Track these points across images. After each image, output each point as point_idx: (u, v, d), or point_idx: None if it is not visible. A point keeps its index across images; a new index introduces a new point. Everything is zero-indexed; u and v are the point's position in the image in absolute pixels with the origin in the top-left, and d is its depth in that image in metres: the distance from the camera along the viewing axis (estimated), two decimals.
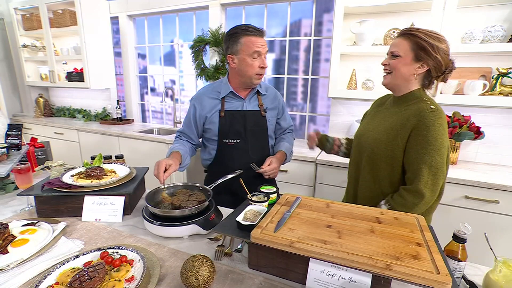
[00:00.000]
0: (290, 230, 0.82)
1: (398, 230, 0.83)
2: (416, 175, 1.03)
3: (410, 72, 1.05)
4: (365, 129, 1.23)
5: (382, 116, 1.19)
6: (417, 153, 1.03)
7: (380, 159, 1.11)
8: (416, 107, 1.05)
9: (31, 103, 4.03)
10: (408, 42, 1.03)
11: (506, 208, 1.62)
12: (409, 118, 1.04)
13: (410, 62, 1.04)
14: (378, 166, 1.12)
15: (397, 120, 1.09)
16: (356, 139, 1.27)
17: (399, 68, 1.06)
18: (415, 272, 0.64)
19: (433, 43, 1.00)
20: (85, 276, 0.72)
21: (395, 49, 1.06)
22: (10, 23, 3.73)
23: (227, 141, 1.37)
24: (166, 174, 1.14)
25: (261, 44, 1.25)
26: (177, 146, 1.36)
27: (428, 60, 1.02)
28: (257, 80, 1.31)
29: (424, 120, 1.01)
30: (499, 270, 0.76)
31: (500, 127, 1.99)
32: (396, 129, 1.07)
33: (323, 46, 2.61)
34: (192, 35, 3.12)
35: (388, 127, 1.10)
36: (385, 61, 1.11)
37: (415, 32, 1.02)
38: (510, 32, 1.82)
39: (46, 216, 1.16)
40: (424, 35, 1.01)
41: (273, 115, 1.44)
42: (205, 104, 1.38)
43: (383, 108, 1.23)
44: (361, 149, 1.20)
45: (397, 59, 1.06)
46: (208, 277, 0.74)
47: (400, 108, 1.11)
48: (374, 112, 1.28)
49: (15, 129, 1.59)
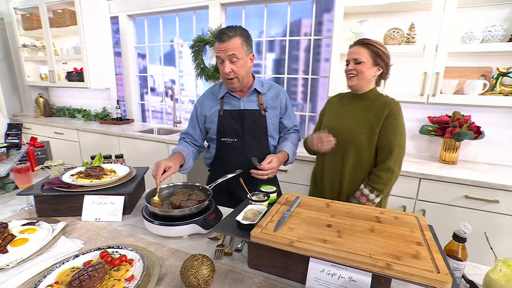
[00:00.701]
0: (290, 229, 0.82)
1: (398, 230, 0.83)
2: (388, 155, 1.27)
3: (371, 75, 1.29)
4: (335, 123, 1.38)
5: (348, 111, 1.38)
6: (389, 137, 1.27)
7: (362, 148, 1.30)
8: (382, 100, 1.30)
9: (31, 103, 4.03)
10: (367, 50, 1.27)
11: (506, 208, 1.62)
12: (380, 109, 1.28)
13: (371, 66, 1.28)
14: (361, 155, 1.31)
15: (369, 112, 1.31)
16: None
17: (364, 71, 1.27)
18: (415, 272, 0.64)
19: (384, 51, 1.27)
20: (85, 275, 0.72)
21: (358, 56, 1.27)
22: (10, 23, 3.72)
23: (225, 139, 1.37)
24: (164, 176, 1.12)
25: (220, 49, 1.22)
26: (180, 148, 1.36)
27: (382, 64, 1.28)
28: (230, 84, 1.30)
29: (393, 111, 1.26)
30: (499, 270, 0.76)
31: (500, 126, 1.99)
32: (371, 119, 1.29)
33: (323, 46, 2.61)
34: (192, 35, 3.11)
35: (362, 119, 1.31)
36: (351, 66, 1.30)
37: (371, 42, 1.27)
38: (510, 31, 1.82)
39: (45, 215, 1.15)
40: (378, 45, 1.27)
41: (274, 115, 1.41)
42: (205, 105, 1.42)
43: (343, 104, 1.42)
44: (339, 142, 1.32)
45: (362, 65, 1.27)
46: (208, 276, 0.74)
47: (365, 102, 1.33)
48: (336, 108, 1.45)
49: (15, 129, 1.59)
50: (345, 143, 1.32)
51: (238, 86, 1.31)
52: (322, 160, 1.44)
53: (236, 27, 1.24)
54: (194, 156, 1.43)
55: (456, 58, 2.00)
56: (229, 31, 1.21)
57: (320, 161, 1.47)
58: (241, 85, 1.32)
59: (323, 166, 1.43)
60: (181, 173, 1.32)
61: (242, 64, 1.26)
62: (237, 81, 1.28)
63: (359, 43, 1.30)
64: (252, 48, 1.31)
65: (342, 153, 1.34)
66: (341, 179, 1.37)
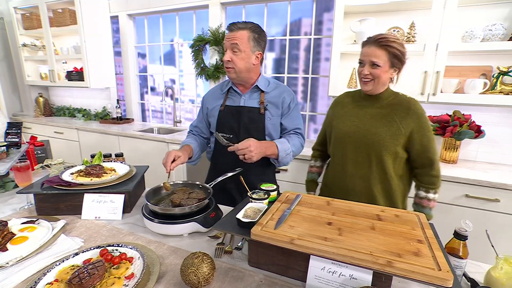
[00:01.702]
0: (291, 227, 0.82)
1: (399, 227, 0.83)
2: (431, 153, 1.21)
3: (388, 77, 1.21)
4: (356, 127, 1.27)
5: (365, 113, 1.28)
6: (425, 134, 1.19)
7: (386, 150, 1.21)
8: (401, 99, 1.23)
9: (31, 103, 4.03)
10: (385, 52, 1.15)
11: (507, 207, 1.62)
12: (402, 109, 1.20)
13: (388, 69, 1.18)
14: (387, 157, 1.22)
15: (390, 112, 1.22)
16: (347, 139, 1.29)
17: (381, 76, 1.18)
18: (416, 269, 0.64)
19: (403, 51, 1.17)
20: (85, 273, 0.71)
21: (376, 60, 1.16)
22: (10, 22, 3.72)
23: (222, 134, 1.37)
24: (174, 165, 1.19)
25: (227, 38, 1.26)
26: (188, 140, 1.44)
27: (400, 66, 1.19)
28: (227, 73, 1.33)
29: (417, 109, 1.20)
30: (501, 267, 0.76)
31: (501, 125, 1.99)
32: (395, 120, 1.21)
33: (323, 45, 2.61)
34: (192, 34, 3.11)
35: (385, 120, 1.22)
36: (366, 70, 1.19)
37: (390, 43, 1.14)
38: (510, 30, 1.81)
39: (45, 214, 1.15)
40: (397, 45, 1.15)
41: (274, 114, 1.37)
42: (210, 99, 1.47)
43: (358, 105, 1.32)
44: (361, 146, 1.25)
45: (379, 69, 1.17)
46: (208, 274, 0.74)
47: (383, 102, 1.25)
48: (350, 110, 1.33)
49: (15, 128, 1.59)
50: (368, 147, 1.23)
51: (234, 77, 1.33)
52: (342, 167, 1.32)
53: (251, 23, 1.29)
54: (202, 147, 1.49)
55: (456, 57, 1.99)
56: (241, 24, 1.27)
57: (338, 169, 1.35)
58: (238, 78, 1.33)
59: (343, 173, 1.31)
60: (191, 164, 1.39)
61: (243, 57, 1.27)
62: (233, 71, 1.29)
63: (376, 43, 1.16)
64: (263, 47, 1.32)
65: (367, 158, 1.24)
66: (370, 183, 1.26)
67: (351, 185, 1.30)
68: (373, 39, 1.18)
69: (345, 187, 1.32)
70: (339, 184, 1.35)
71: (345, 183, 1.32)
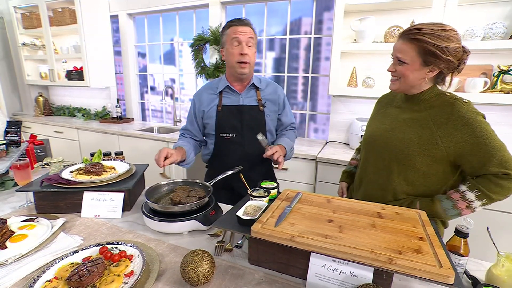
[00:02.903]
0: (291, 224, 0.82)
1: (400, 225, 0.82)
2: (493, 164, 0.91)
3: (419, 77, 0.99)
4: (381, 130, 1.12)
5: (397, 115, 1.10)
6: (480, 144, 0.92)
7: (414, 159, 1.01)
8: (444, 100, 0.99)
9: (31, 102, 4.02)
10: (413, 46, 0.95)
11: (508, 205, 1.62)
12: (441, 112, 0.97)
13: (418, 67, 0.96)
14: (411, 168, 1.02)
15: (427, 116, 1.00)
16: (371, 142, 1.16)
17: (407, 75, 0.99)
18: (417, 266, 0.64)
19: (442, 45, 0.90)
20: (84, 271, 0.71)
21: (400, 55, 0.98)
22: (9, 21, 3.72)
23: (224, 135, 1.37)
24: (167, 162, 1.17)
25: (240, 32, 1.25)
26: (180, 143, 1.39)
27: (439, 64, 0.94)
28: (241, 69, 1.29)
29: (461, 112, 0.95)
30: (502, 265, 0.75)
31: (501, 124, 1.98)
32: (429, 127, 0.99)
33: (323, 44, 2.61)
34: (192, 33, 3.11)
35: (417, 126, 1.02)
36: (391, 67, 1.03)
37: (421, 36, 0.92)
38: (511, 29, 1.81)
39: (45, 212, 1.15)
40: (431, 38, 0.91)
41: (272, 111, 1.42)
42: (203, 99, 1.41)
43: (394, 106, 1.15)
44: (383, 152, 1.09)
45: (405, 66, 0.98)
46: (208, 271, 0.73)
47: (422, 105, 1.03)
48: (383, 111, 1.19)
49: (14, 126, 1.58)
50: (391, 154, 1.06)
51: (247, 73, 1.32)
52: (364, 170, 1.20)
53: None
54: (195, 149, 1.45)
55: None
56: (246, 20, 1.28)
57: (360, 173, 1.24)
58: (249, 74, 1.34)
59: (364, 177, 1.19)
60: (184, 167, 1.35)
61: (254, 52, 1.32)
62: (248, 67, 1.30)
63: (405, 36, 0.97)
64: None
65: (387, 165, 1.07)
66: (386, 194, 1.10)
67: (368, 192, 1.17)
68: (405, 31, 0.98)
69: (363, 193, 1.20)
70: (359, 188, 1.24)
71: (363, 189, 1.20)
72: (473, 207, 0.96)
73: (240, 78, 1.35)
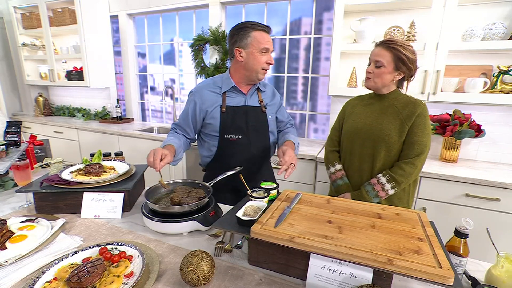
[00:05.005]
0: (291, 225, 0.82)
1: (400, 226, 0.82)
2: (415, 152, 1.25)
3: (390, 79, 1.27)
4: (363, 124, 1.35)
5: (373, 110, 1.35)
6: (419, 135, 1.25)
7: (392, 145, 1.28)
8: (410, 100, 1.29)
9: (31, 102, 4.02)
10: (390, 53, 1.23)
11: (507, 206, 1.62)
12: (410, 108, 1.26)
13: (391, 71, 1.25)
14: (390, 152, 1.29)
15: (397, 109, 1.29)
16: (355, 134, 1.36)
17: (383, 76, 1.26)
18: (417, 267, 0.64)
19: (409, 56, 1.22)
20: (84, 271, 0.71)
21: (379, 59, 1.24)
22: (9, 21, 3.72)
23: (229, 137, 1.34)
24: (162, 164, 1.11)
25: (268, 41, 1.28)
26: (171, 140, 1.32)
27: (405, 70, 1.24)
28: (262, 75, 1.31)
29: (424, 111, 1.26)
30: (501, 266, 0.75)
31: (501, 125, 1.98)
32: (400, 118, 1.27)
33: (323, 45, 2.61)
34: (192, 33, 3.11)
35: (391, 117, 1.29)
36: (370, 69, 1.29)
37: (396, 46, 1.22)
38: (511, 29, 1.81)
39: (45, 212, 1.15)
40: (403, 49, 1.21)
41: (272, 111, 1.44)
42: (206, 98, 1.34)
43: (367, 104, 1.40)
44: (366, 141, 1.32)
45: (381, 69, 1.25)
46: (207, 272, 0.73)
47: (390, 102, 1.32)
48: (358, 109, 1.42)
49: (14, 126, 1.58)
50: (375, 142, 1.29)
51: (262, 79, 1.36)
52: (349, 161, 1.40)
53: None
54: (185, 147, 1.39)
55: (456, 56, 1.99)
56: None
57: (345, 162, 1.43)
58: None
59: (350, 166, 1.40)
60: (172, 164, 1.29)
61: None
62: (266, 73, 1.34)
63: (383, 44, 1.25)
64: None
65: (372, 152, 1.31)
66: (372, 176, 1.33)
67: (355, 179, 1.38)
68: (383, 41, 1.27)
69: (350, 181, 1.40)
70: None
71: (350, 178, 1.40)
72: (386, 189, 1.28)
73: (254, 82, 1.35)
